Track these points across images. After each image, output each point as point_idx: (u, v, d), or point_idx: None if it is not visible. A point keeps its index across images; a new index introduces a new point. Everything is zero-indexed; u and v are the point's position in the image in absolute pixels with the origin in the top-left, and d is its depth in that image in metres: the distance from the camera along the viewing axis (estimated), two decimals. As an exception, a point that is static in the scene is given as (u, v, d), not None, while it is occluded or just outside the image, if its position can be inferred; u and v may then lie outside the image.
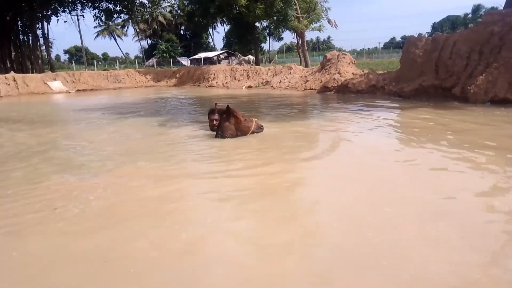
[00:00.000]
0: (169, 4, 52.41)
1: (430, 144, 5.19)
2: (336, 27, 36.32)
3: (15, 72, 26.26)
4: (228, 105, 6.19)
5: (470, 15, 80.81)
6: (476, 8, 79.49)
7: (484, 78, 9.35)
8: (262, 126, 6.73)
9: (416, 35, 12.66)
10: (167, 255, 2.45)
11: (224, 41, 60.66)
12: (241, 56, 46.69)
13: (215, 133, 6.32)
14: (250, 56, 45.30)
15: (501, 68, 9.16)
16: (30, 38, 37.49)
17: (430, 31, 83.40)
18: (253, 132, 6.43)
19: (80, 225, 2.95)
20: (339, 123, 7.58)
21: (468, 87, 9.63)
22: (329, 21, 33.83)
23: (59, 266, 2.35)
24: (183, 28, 66.47)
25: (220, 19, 43.88)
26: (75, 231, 2.85)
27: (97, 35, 69.75)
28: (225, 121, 6.18)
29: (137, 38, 70.49)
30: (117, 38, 71.63)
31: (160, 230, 2.83)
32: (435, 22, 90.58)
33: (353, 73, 15.79)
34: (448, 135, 5.73)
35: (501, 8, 12.59)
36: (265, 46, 65.57)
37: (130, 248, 2.55)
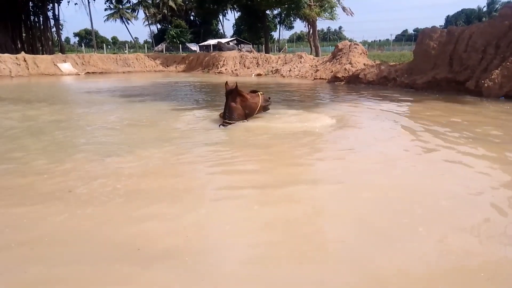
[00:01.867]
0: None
1: (461, 138, 5.12)
2: (352, 15, 35.51)
3: (25, 53, 26.36)
4: (236, 84, 5.92)
5: (485, 9, 79.21)
6: (491, 2, 77.82)
7: (500, 72, 9.19)
8: (269, 98, 6.50)
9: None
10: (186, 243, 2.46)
11: (234, 29, 60.26)
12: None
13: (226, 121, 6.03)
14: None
15: (518, 63, 8.98)
16: (41, 19, 37.57)
17: (443, 24, 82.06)
18: (262, 107, 6.24)
19: (98, 211, 2.91)
20: (354, 113, 7.52)
21: (483, 81, 9.48)
22: (344, 8, 33.25)
23: (91, 255, 2.30)
24: (193, 14, 65.98)
25: (231, 6, 43.50)
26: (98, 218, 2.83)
27: (107, 19, 69.47)
28: (231, 101, 5.91)
29: (147, 23, 70.11)
30: (127, 22, 71.31)
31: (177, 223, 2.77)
32: (449, 15, 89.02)
33: (364, 64, 15.62)
34: (468, 130, 5.67)
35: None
36: (275, 34, 65.03)
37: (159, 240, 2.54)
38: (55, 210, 2.90)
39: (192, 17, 67.95)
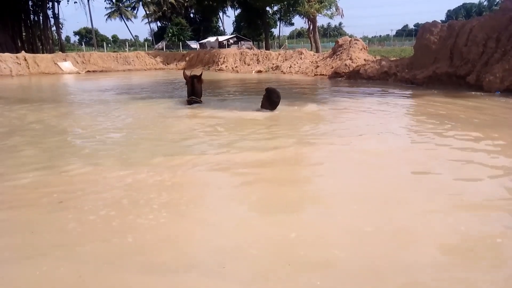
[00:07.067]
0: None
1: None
2: (342, 16, 35.41)
3: (25, 52, 26.33)
4: (202, 71, 7.67)
5: (485, 3, 78.81)
6: (491, -4, 77.39)
7: (501, 66, 9.17)
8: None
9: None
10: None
11: (234, 26, 60.13)
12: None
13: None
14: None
15: (519, 56, 8.97)
16: (41, 18, 37.52)
17: (444, 19, 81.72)
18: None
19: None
20: (355, 109, 7.52)
21: (483, 75, 9.46)
22: (336, 8, 33.05)
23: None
24: (193, 11, 65.79)
25: (230, 3, 43.45)
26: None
27: (108, 17, 69.35)
28: (199, 84, 7.74)
29: (147, 21, 69.89)
30: (127, 21, 71.13)
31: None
32: (450, 10, 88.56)
33: (365, 59, 15.59)
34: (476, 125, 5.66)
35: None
36: (275, 31, 64.88)
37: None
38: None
39: (192, 15, 67.75)
